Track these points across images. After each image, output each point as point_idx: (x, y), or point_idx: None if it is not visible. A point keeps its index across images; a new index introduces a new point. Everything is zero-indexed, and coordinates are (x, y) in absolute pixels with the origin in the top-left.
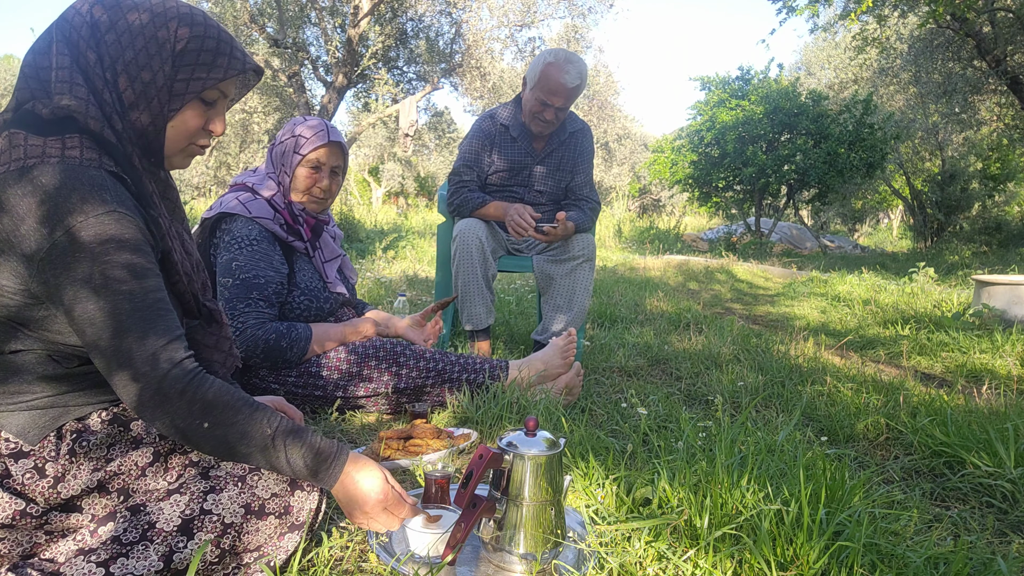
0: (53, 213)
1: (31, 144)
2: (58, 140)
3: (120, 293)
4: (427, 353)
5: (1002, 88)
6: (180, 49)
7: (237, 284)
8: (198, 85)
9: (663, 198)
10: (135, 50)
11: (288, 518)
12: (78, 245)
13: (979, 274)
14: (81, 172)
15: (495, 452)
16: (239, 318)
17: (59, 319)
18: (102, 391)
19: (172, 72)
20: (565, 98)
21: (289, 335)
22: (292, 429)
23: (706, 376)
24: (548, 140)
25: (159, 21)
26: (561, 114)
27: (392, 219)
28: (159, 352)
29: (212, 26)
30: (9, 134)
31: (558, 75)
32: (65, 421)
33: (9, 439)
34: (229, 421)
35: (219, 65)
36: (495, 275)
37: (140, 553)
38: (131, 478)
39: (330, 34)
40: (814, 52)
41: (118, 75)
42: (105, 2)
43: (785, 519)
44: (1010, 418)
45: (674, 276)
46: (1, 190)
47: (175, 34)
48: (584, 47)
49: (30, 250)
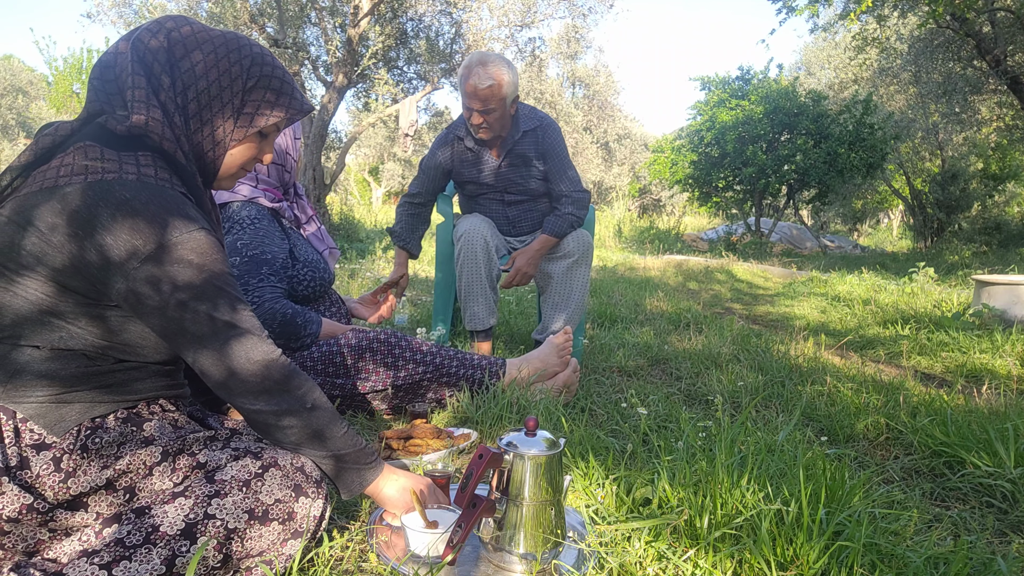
0: (144, 227)
1: (107, 158)
2: (132, 156)
3: (226, 297)
4: (424, 347)
5: (1002, 88)
6: (250, 86)
7: (246, 261)
8: (261, 121)
9: (663, 198)
10: (208, 81)
11: (292, 524)
12: (175, 258)
13: (979, 274)
14: (162, 191)
15: (495, 452)
16: (254, 293)
17: (112, 320)
18: (127, 390)
19: (240, 106)
20: (482, 100)
21: (304, 315)
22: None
23: (706, 376)
24: (502, 144)
25: (234, 57)
26: (490, 116)
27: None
28: (257, 347)
29: (279, 67)
30: (84, 146)
31: (469, 78)
32: (88, 417)
33: (34, 429)
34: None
35: (281, 104)
36: (499, 275)
37: (143, 556)
38: (138, 476)
39: (330, 34)
40: (814, 52)
41: (189, 101)
42: (183, 31)
43: (785, 519)
44: (1010, 418)
45: (674, 276)
46: (83, 201)
47: (247, 72)
48: (584, 47)
49: (118, 259)
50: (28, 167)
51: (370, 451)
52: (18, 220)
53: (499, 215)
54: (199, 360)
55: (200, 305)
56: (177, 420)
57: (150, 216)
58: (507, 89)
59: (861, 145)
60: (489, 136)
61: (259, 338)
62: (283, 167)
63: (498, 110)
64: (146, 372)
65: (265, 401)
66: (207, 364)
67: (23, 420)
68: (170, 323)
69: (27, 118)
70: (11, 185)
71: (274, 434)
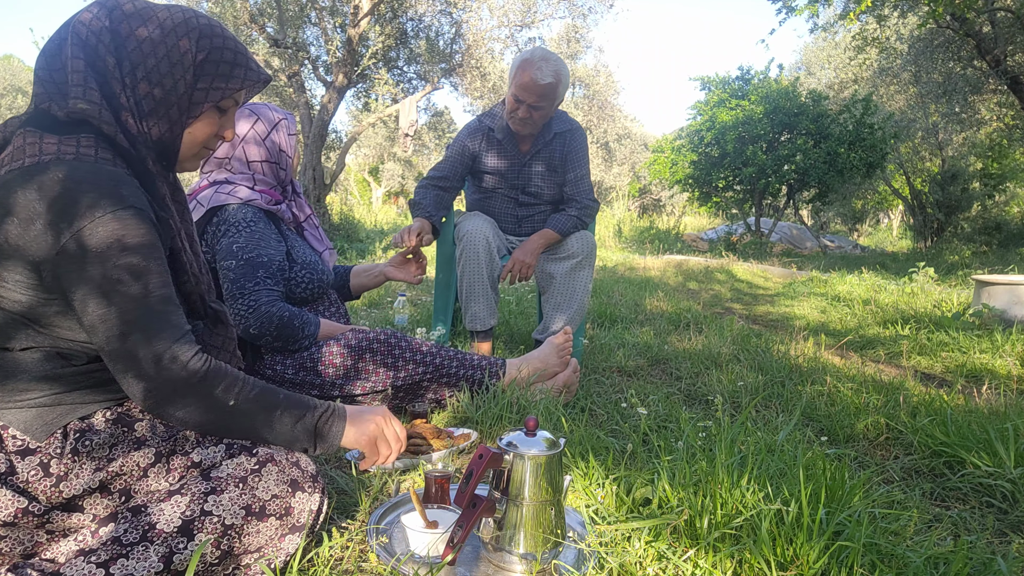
0: (66, 211)
1: (46, 142)
2: (73, 139)
3: (128, 296)
4: (424, 347)
5: (1002, 88)
6: (200, 60)
7: (242, 264)
8: (216, 95)
9: (663, 198)
10: (157, 58)
11: (289, 519)
12: (88, 246)
13: (979, 274)
14: (97, 168)
15: (495, 452)
16: (250, 296)
17: (70, 316)
18: (108, 389)
19: (192, 82)
20: (538, 96)
21: (301, 316)
22: (297, 416)
23: (706, 376)
24: (533, 142)
25: (180, 31)
26: (536, 113)
27: (392, 219)
28: (164, 353)
29: (229, 38)
30: (24, 132)
31: (531, 72)
32: (71, 419)
33: (16, 436)
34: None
35: (236, 76)
36: (500, 275)
37: (140, 554)
38: (133, 479)
39: (330, 34)
40: (814, 52)
41: (138, 81)
42: (126, 9)
43: (785, 519)
44: (1010, 418)
45: (674, 276)
46: (16, 186)
47: (196, 44)
48: (584, 47)
49: (46, 245)
50: None
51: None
52: None
53: (509, 213)
54: (107, 362)
55: (107, 303)
56: None
57: (79, 194)
58: (561, 90)
59: (861, 145)
60: (527, 131)
61: (172, 335)
62: (278, 165)
63: (546, 108)
64: None
65: (183, 407)
66: (111, 367)
67: (3, 426)
68: (83, 322)
69: None
70: None
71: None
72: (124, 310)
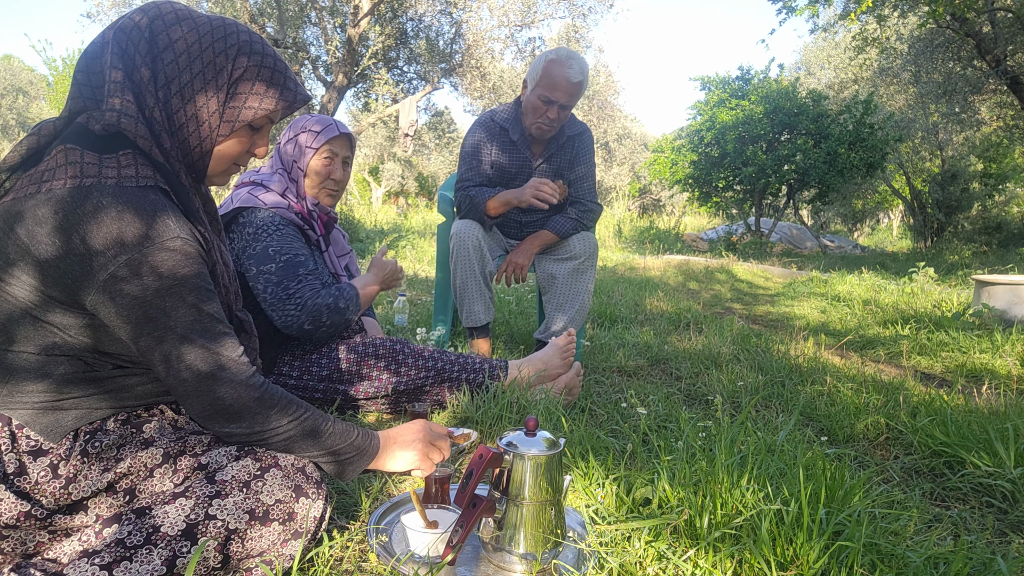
0: (117, 239)
1: (87, 162)
2: (113, 159)
3: (183, 322)
4: (426, 352)
5: (1002, 88)
6: (236, 78)
7: (282, 266)
8: (249, 114)
9: (663, 198)
10: (192, 73)
11: (292, 525)
12: (142, 274)
13: (979, 274)
14: (140, 196)
15: (495, 452)
16: (295, 296)
17: (105, 332)
18: (128, 396)
19: (226, 99)
20: (569, 94)
21: (342, 294)
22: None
23: (706, 376)
24: (546, 145)
25: (219, 47)
26: (564, 113)
27: (392, 219)
28: (220, 376)
29: (269, 55)
30: (65, 149)
31: (561, 71)
32: (85, 422)
33: (30, 436)
34: (297, 429)
35: (271, 96)
36: (493, 272)
37: (143, 557)
38: (139, 479)
39: (330, 34)
40: (814, 52)
41: (171, 96)
42: (166, 18)
43: (785, 519)
44: (1010, 418)
45: (674, 276)
46: (57, 208)
47: (234, 62)
48: (584, 47)
49: (89, 271)
50: (15, 168)
51: (361, 441)
52: (3, 225)
53: (512, 219)
54: (169, 376)
55: (168, 318)
56: (177, 421)
57: (125, 224)
58: (584, 88)
59: (861, 145)
60: (551, 133)
61: (228, 357)
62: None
63: (571, 107)
64: (146, 378)
65: (237, 424)
66: (175, 380)
67: (19, 426)
68: (138, 334)
69: (27, 118)
70: (2, 186)
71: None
72: (179, 337)
